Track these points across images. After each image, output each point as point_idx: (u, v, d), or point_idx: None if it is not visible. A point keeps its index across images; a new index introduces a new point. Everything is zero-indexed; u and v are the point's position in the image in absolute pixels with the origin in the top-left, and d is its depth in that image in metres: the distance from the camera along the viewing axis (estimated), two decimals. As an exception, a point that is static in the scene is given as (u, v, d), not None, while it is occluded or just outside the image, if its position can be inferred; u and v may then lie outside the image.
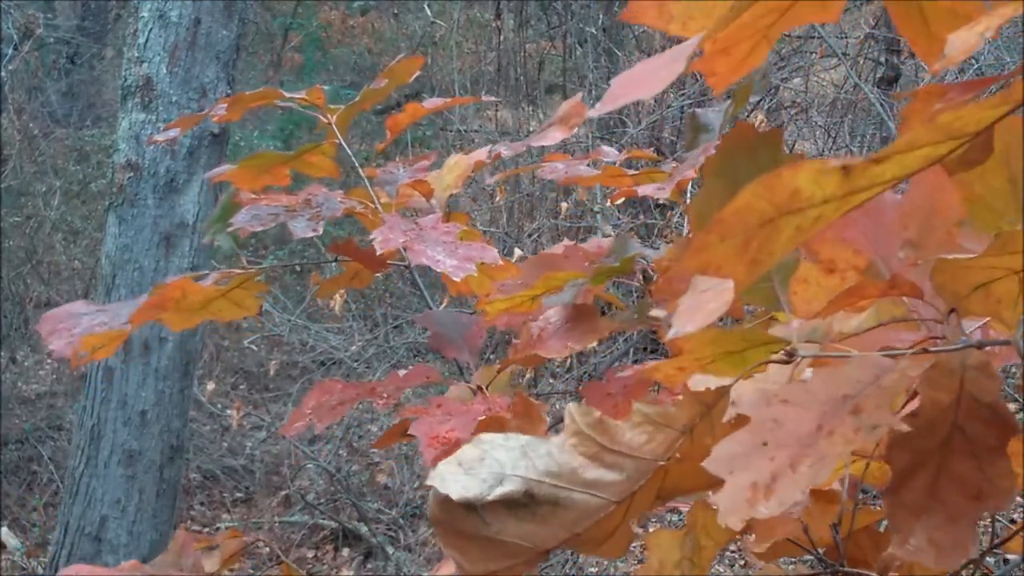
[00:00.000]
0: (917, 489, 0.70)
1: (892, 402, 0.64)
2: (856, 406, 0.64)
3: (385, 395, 1.24)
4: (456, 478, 0.70)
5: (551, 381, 6.45)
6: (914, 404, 0.71)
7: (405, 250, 1.26)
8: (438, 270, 1.21)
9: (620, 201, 3.31)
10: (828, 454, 0.60)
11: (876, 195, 0.61)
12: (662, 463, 0.74)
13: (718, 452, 0.64)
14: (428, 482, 0.70)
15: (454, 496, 0.69)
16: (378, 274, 1.60)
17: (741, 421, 0.66)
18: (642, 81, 0.60)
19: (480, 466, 0.71)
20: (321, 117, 1.56)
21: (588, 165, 1.60)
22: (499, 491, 0.70)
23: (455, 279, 1.20)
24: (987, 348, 0.71)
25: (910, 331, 0.74)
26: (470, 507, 0.70)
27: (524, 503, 0.71)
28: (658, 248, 1.44)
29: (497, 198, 7.26)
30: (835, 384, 0.67)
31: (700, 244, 0.62)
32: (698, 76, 7.31)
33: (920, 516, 0.69)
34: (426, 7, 10.00)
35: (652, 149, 7.17)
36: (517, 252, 6.51)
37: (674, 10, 0.75)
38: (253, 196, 1.41)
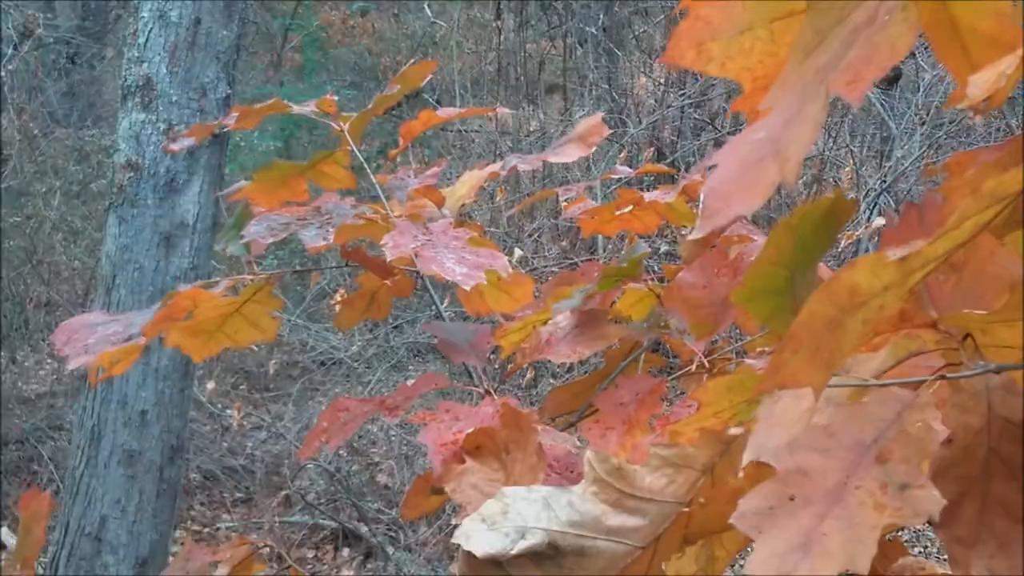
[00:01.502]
0: (967, 520, 0.68)
1: (921, 454, 0.62)
2: (882, 453, 0.62)
3: (395, 406, 1.24)
4: (480, 534, 0.70)
5: (551, 381, 6.45)
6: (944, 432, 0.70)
7: (416, 257, 1.24)
8: (447, 278, 1.19)
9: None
10: (859, 519, 0.58)
11: (932, 271, 0.61)
12: (685, 508, 0.73)
13: (744, 507, 0.62)
14: (454, 540, 0.70)
15: (478, 553, 0.69)
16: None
17: (762, 466, 0.64)
18: (741, 193, 0.57)
19: (503, 520, 0.71)
20: (333, 125, 1.54)
21: (593, 189, 1.58)
22: (523, 544, 0.70)
23: (465, 288, 1.18)
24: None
25: (927, 361, 0.73)
26: (495, 563, 0.70)
27: (549, 555, 0.71)
28: (659, 248, 1.44)
29: (497, 198, 7.25)
30: (857, 424, 0.65)
31: (776, 365, 0.61)
32: (699, 76, 7.31)
33: (974, 547, 0.68)
34: (426, 7, 10.00)
35: (652, 149, 7.18)
36: (517, 252, 6.50)
37: (713, 51, 0.74)
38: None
